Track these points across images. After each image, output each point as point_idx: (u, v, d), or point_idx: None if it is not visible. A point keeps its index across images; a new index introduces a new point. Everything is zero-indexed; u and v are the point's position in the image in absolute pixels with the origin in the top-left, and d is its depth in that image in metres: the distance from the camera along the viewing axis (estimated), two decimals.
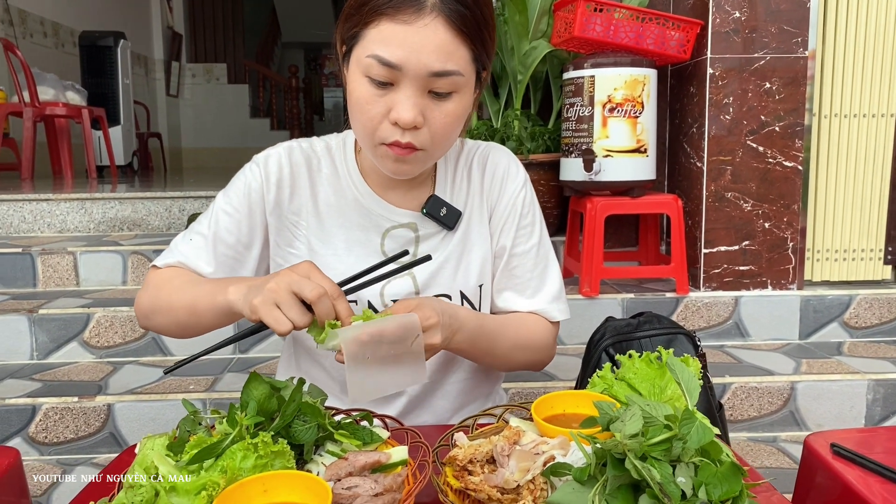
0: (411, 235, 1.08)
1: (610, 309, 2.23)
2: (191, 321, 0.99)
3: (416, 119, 0.90)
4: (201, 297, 0.96)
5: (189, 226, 1.12)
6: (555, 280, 1.16)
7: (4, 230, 2.95)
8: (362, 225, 1.08)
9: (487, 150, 1.15)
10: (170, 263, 1.07)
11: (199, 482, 0.65)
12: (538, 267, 1.14)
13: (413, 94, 0.89)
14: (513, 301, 1.14)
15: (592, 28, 2.15)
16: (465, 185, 1.12)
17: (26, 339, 2.15)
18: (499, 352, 1.08)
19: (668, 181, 2.60)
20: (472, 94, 0.97)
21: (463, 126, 1.00)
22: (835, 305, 2.29)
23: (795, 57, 2.21)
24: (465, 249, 1.10)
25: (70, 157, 5.00)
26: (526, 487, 0.69)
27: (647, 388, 0.84)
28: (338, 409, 0.89)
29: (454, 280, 1.09)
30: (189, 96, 9.54)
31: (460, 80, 0.91)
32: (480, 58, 0.94)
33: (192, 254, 1.06)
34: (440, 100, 0.91)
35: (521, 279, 1.14)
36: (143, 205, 3.03)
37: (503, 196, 1.12)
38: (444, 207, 1.07)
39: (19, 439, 1.85)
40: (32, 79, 4.58)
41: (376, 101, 0.90)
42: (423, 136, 0.92)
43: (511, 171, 1.14)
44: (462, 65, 0.90)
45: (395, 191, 1.08)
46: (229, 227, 1.06)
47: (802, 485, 0.95)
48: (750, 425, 1.98)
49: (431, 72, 0.88)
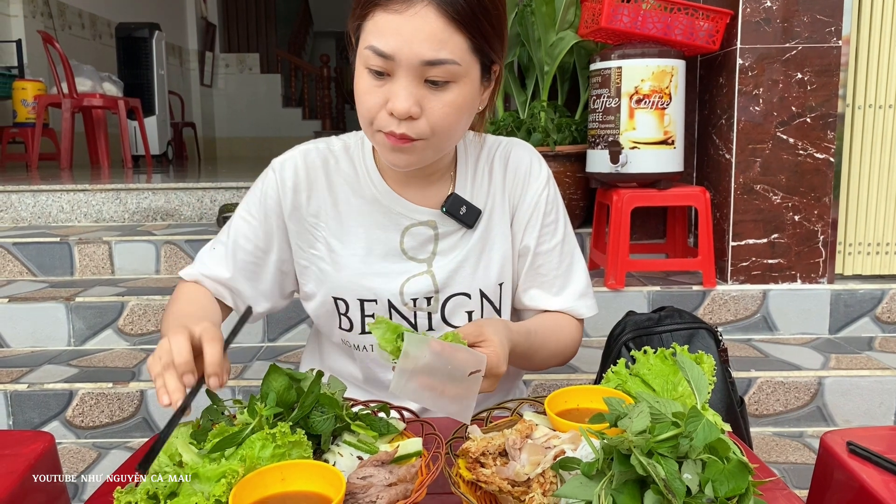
0: (430, 233, 1.08)
1: (635, 302, 2.23)
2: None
3: (410, 109, 0.89)
4: (169, 321, 1.00)
5: (218, 218, 1.17)
6: (581, 276, 1.15)
7: (44, 220, 3.03)
8: (382, 223, 1.07)
9: (509, 147, 1.13)
10: (192, 276, 1.10)
11: (220, 470, 0.68)
12: (563, 263, 1.14)
13: (408, 83, 0.89)
14: (539, 299, 1.14)
15: (620, 19, 2.14)
16: (487, 182, 1.10)
17: (64, 326, 2.22)
18: (535, 361, 1.11)
19: (697, 173, 2.57)
20: (478, 87, 0.95)
21: (472, 119, 0.99)
22: (866, 300, 2.25)
23: (828, 47, 2.17)
24: (486, 248, 1.09)
25: (107, 146, 5.11)
26: (536, 480, 0.70)
27: (661, 385, 0.84)
28: (356, 401, 0.91)
29: (473, 278, 1.08)
30: (222, 86, 9.65)
31: (456, 69, 0.89)
32: (482, 49, 0.92)
33: (213, 262, 1.09)
34: (437, 90, 0.90)
35: (547, 277, 1.13)
36: (176, 195, 3.09)
37: (526, 195, 1.11)
38: (463, 206, 1.07)
39: (57, 423, 1.92)
40: (70, 70, 4.69)
41: (375, 91, 0.91)
42: (421, 127, 0.91)
43: (534, 168, 1.12)
44: (458, 53, 0.89)
45: (414, 188, 1.08)
46: (247, 233, 1.08)
47: (818, 483, 0.95)
48: (776, 420, 1.97)
49: (423, 60, 0.87)
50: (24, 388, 1.90)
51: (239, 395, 1.90)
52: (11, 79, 4.92)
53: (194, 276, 1.10)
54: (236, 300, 1.11)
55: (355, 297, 1.07)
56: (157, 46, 6.00)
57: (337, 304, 1.09)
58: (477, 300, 1.09)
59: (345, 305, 1.08)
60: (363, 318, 1.08)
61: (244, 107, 9.62)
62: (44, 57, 4.89)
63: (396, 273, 1.07)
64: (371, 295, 1.06)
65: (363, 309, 1.08)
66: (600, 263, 2.44)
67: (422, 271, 1.07)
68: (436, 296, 1.08)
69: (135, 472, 0.68)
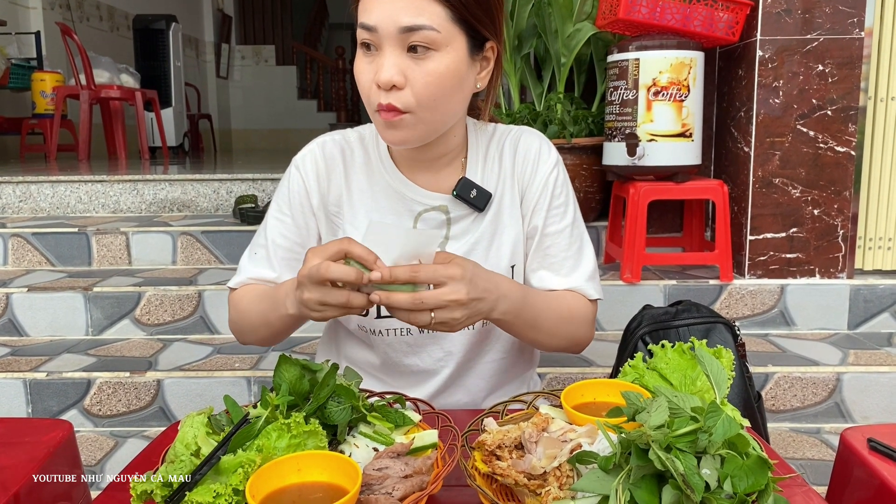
0: (443, 218, 1.10)
1: (651, 296, 2.21)
2: (272, 333, 1.08)
3: (393, 78, 0.92)
4: (269, 313, 1.03)
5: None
6: (590, 259, 1.15)
7: (62, 210, 3.06)
8: (395, 209, 1.10)
9: (519, 134, 1.15)
10: (241, 282, 1.14)
11: (237, 460, 0.68)
12: (573, 246, 1.14)
13: (391, 53, 0.92)
14: (548, 280, 1.14)
15: (638, 10, 2.11)
16: (497, 167, 1.13)
17: (82, 316, 2.24)
18: (544, 325, 1.07)
19: (715, 166, 2.55)
20: (465, 60, 0.97)
21: (465, 97, 1.02)
22: (886, 295, 2.22)
23: (850, 38, 2.14)
24: (497, 231, 1.11)
25: (124, 138, 5.15)
26: (552, 474, 0.70)
27: (679, 379, 0.84)
28: (371, 392, 0.91)
29: (486, 261, 1.09)
30: (238, 78, 9.68)
31: (435, 35, 0.91)
32: (465, 19, 0.94)
33: (255, 268, 1.13)
34: (420, 58, 0.93)
35: (556, 258, 1.13)
36: (192, 186, 3.10)
37: (535, 177, 1.12)
38: (474, 189, 1.08)
39: (75, 411, 1.94)
40: (88, 62, 4.72)
41: (366, 68, 0.95)
42: (406, 97, 0.94)
43: (543, 152, 1.13)
44: (436, 21, 0.91)
45: (426, 174, 1.10)
46: (282, 231, 1.11)
47: (838, 479, 0.94)
48: (793, 416, 1.95)
49: (401, 26, 0.90)
50: (44, 376, 1.92)
51: (255, 386, 1.91)
52: (30, 70, 4.97)
53: (242, 283, 1.14)
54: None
55: None
56: (174, 38, 6.03)
57: None
58: None
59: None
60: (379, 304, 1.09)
61: (260, 99, 9.65)
62: (62, 49, 4.93)
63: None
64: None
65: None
66: (616, 257, 2.42)
67: None
68: None
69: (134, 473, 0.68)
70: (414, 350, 1.13)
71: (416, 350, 1.13)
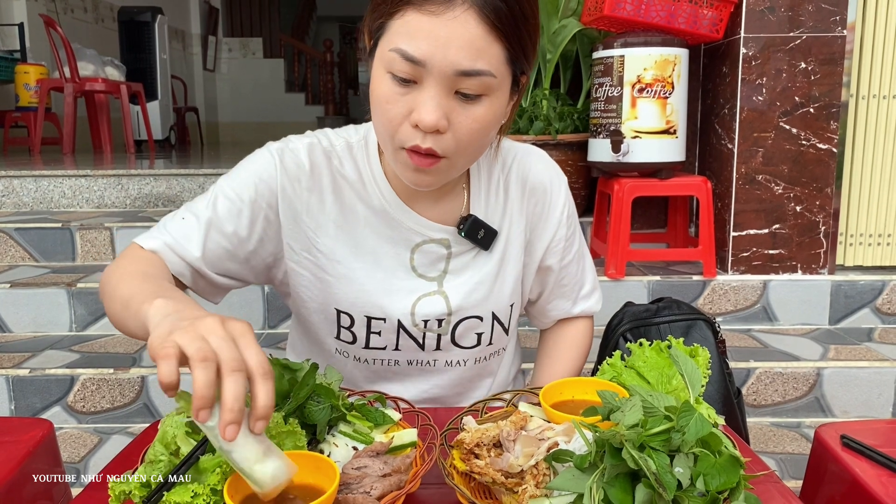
0: (443, 252, 1.02)
1: (635, 291, 2.23)
2: (121, 318, 0.82)
3: (438, 122, 0.80)
4: (137, 296, 0.77)
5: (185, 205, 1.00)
6: (592, 273, 1.18)
7: (46, 205, 3.04)
8: (391, 237, 1.00)
9: (526, 161, 1.06)
10: (153, 248, 0.93)
11: (215, 460, 0.68)
12: (580, 267, 1.15)
13: (437, 93, 0.80)
14: (562, 308, 1.17)
15: (623, 7, 2.12)
16: (503, 199, 1.04)
17: (65, 312, 2.23)
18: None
19: (699, 163, 2.56)
20: (507, 100, 0.88)
21: (494, 132, 0.91)
22: (867, 291, 2.25)
23: (833, 36, 2.16)
24: (501, 270, 1.05)
25: (109, 131, 5.11)
26: (529, 472, 0.70)
27: (656, 377, 0.85)
28: (352, 391, 0.91)
29: (488, 300, 1.04)
30: (225, 71, 9.61)
31: (491, 81, 0.81)
32: (517, 59, 0.84)
33: (181, 234, 0.94)
34: (468, 103, 0.82)
35: (569, 286, 1.15)
36: (178, 181, 3.09)
37: (549, 218, 1.07)
38: (482, 229, 1.00)
39: (59, 408, 1.93)
40: (73, 54, 4.67)
41: (398, 100, 0.82)
42: (447, 142, 0.83)
43: (554, 186, 1.07)
44: (494, 65, 0.80)
45: (425, 201, 1.00)
46: (228, 213, 0.95)
47: (812, 475, 0.95)
48: (774, 410, 1.97)
49: (458, 70, 0.79)
50: (26, 373, 1.91)
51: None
52: (14, 63, 4.91)
53: (156, 248, 0.93)
54: (197, 284, 0.97)
55: (362, 313, 1.01)
56: (160, 30, 5.98)
57: (339, 317, 1.03)
58: (488, 322, 1.06)
59: (349, 319, 1.02)
60: (369, 335, 1.03)
61: (247, 92, 9.59)
62: (46, 41, 4.88)
63: (406, 291, 1.01)
64: (380, 313, 1.01)
65: (370, 326, 1.02)
66: (601, 252, 2.44)
67: (432, 290, 1.02)
68: (448, 318, 1.03)
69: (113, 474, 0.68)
70: (400, 378, 1.09)
71: (401, 379, 1.09)
